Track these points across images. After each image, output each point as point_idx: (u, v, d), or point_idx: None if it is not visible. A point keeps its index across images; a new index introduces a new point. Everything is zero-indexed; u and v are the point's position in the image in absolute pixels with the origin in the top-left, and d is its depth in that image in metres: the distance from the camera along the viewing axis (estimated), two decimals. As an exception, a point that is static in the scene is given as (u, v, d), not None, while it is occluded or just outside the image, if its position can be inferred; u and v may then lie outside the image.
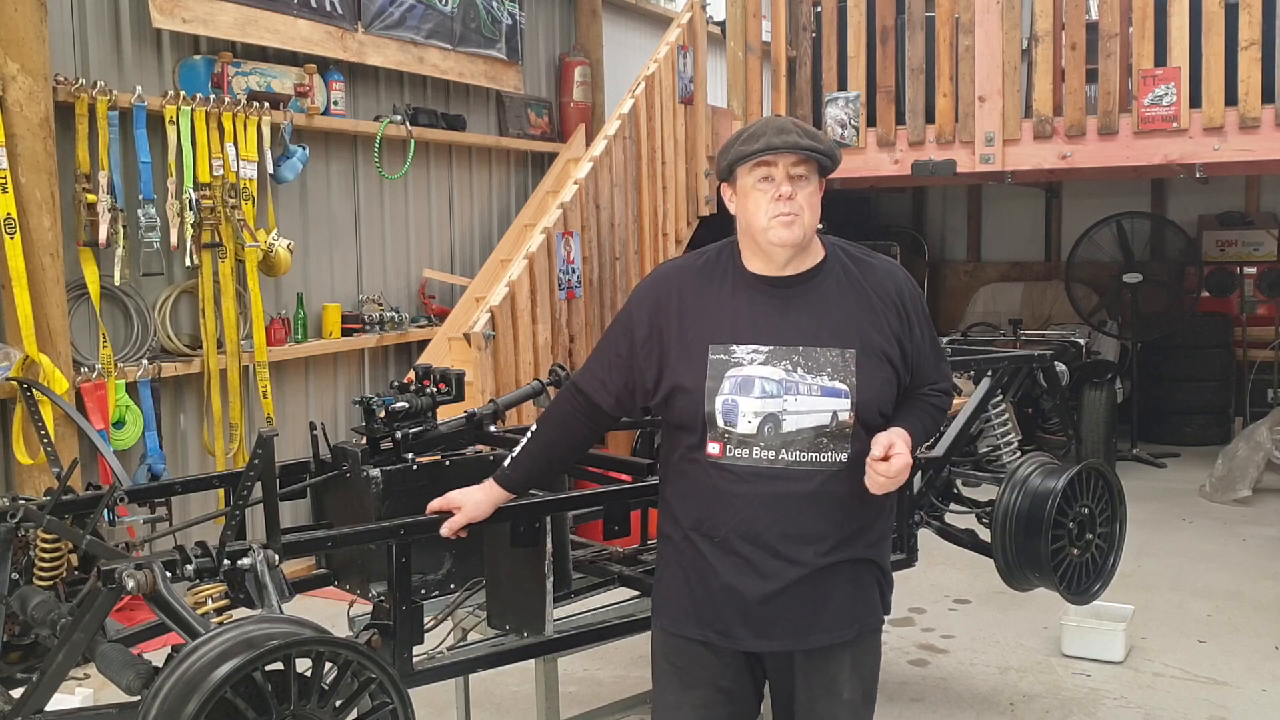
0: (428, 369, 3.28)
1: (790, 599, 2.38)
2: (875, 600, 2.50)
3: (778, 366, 2.33)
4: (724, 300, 2.40)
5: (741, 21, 7.49)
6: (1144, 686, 4.41)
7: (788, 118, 2.43)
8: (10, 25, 4.51)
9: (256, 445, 2.31)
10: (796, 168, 2.33)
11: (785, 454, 2.33)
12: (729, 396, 2.33)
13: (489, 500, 2.63)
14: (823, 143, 2.35)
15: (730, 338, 2.36)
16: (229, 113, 5.39)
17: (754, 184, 2.35)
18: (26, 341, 4.54)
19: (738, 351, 2.35)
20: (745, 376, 2.33)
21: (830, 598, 2.40)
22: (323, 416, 6.07)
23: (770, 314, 2.37)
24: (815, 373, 2.33)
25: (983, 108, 6.86)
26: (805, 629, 2.41)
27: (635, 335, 2.47)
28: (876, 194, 11.01)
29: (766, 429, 2.32)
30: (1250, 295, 9.57)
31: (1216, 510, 7.08)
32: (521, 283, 5.99)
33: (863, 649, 2.49)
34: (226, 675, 1.90)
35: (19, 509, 2.66)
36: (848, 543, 2.41)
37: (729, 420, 2.33)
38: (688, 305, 2.42)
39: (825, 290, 2.39)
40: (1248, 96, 6.23)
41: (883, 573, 2.52)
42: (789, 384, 2.32)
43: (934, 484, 4.00)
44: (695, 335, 2.39)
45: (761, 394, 2.32)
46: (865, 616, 2.47)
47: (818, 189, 2.38)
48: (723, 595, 2.40)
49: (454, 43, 7.04)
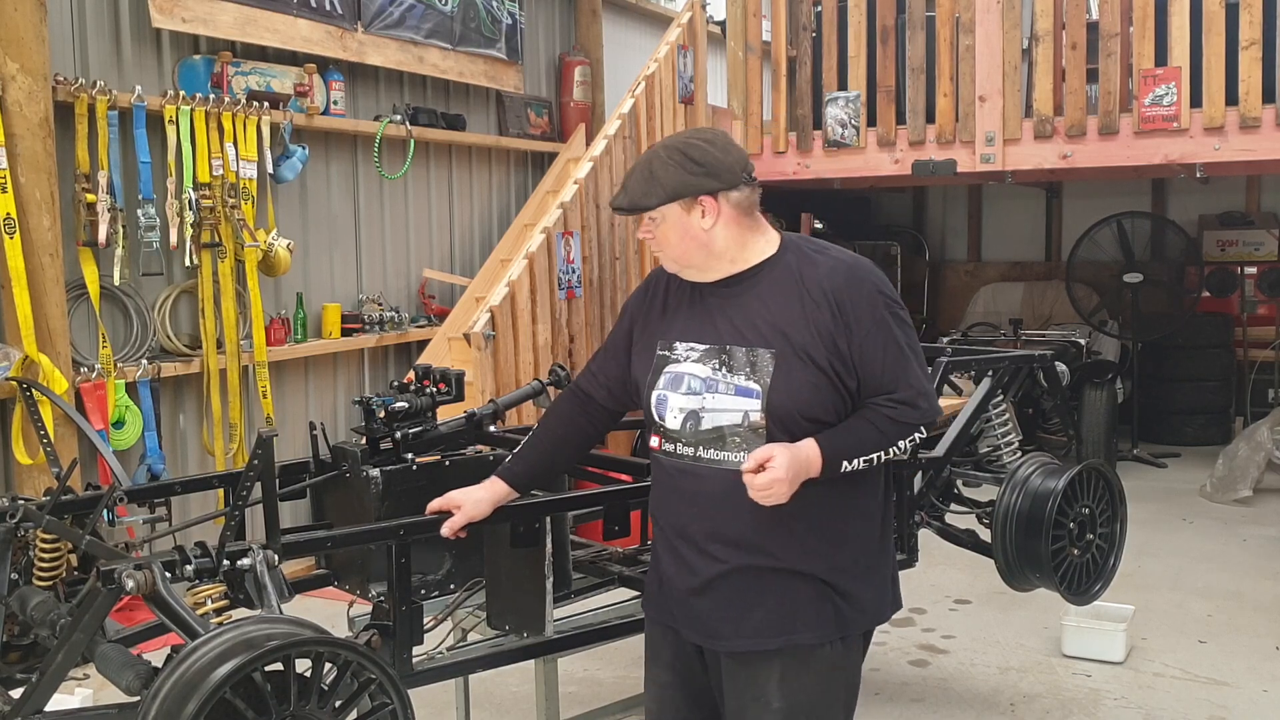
0: (428, 369, 3.28)
1: (712, 598, 2.40)
2: (815, 616, 2.36)
3: (707, 365, 2.38)
4: (680, 300, 2.49)
5: (741, 21, 7.49)
6: (1144, 687, 4.41)
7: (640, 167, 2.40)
8: (10, 25, 4.51)
9: (256, 445, 2.31)
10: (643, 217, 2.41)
11: (702, 451, 2.37)
12: (662, 391, 2.43)
13: (490, 498, 2.64)
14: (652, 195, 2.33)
15: (675, 335, 2.45)
16: (229, 112, 5.38)
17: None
18: (26, 341, 4.54)
19: (678, 348, 2.43)
20: (678, 373, 2.41)
21: (755, 604, 2.37)
22: (322, 416, 6.07)
23: (710, 312, 2.43)
24: (735, 371, 2.35)
25: (983, 107, 6.86)
26: (727, 631, 2.39)
27: (623, 329, 2.61)
28: (877, 194, 11.01)
29: (688, 425, 2.38)
30: (1251, 295, 9.57)
31: (1217, 510, 7.08)
32: (521, 283, 5.99)
33: (796, 663, 2.37)
34: (226, 676, 1.90)
35: (19, 509, 2.66)
36: (774, 550, 2.34)
37: (660, 414, 2.42)
38: (658, 305, 2.53)
39: (760, 290, 2.38)
40: (1248, 96, 6.23)
41: (838, 593, 2.38)
42: (711, 382, 2.36)
43: (934, 484, 3.99)
44: (653, 332, 2.50)
45: (687, 390, 2.38)
46: (797, 630, 2.36)
47: (679, 220, 2.35)
48: (667, 585, 2.50)
49: (454, 42, 7.04)
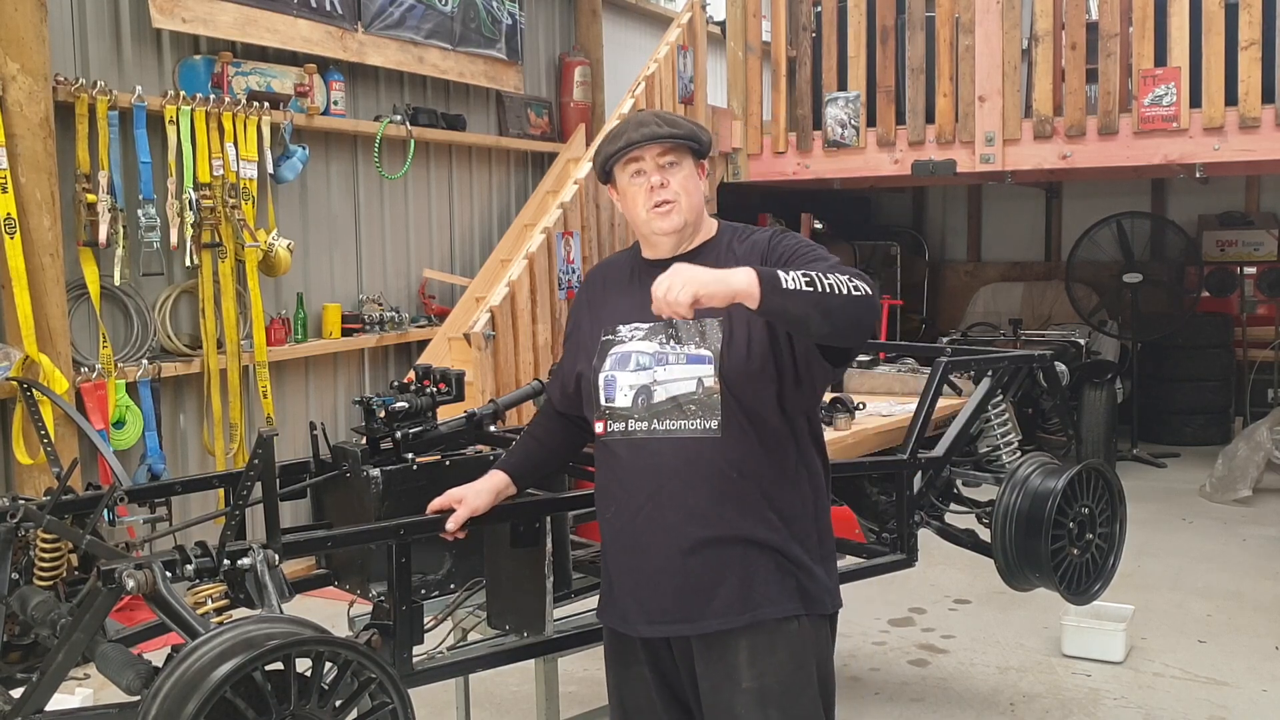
0: (428, 369, 3.28)
1: (675, 578, 2.36)
2: (779, 592, 2.36)
3: (653, 341, 2.40)
4: (623, 289, 2.51)
5: (741, 21, 7.49)
6: (1144, 686, 4.41)
7: (650, 111, 2.47)
8: (10, 25, 4.51)
9: (256, 445, 2.31)
10: (664, 157, 2.40)
11: (657, 424, 2.36)
12: (609, 373, 2.43)
13: (490, 488, 2.65)
14: (682, 127, 2.41)
15: (619, 319, 2.46)
16: (229, 113, 5.39)
17: (629, 180, 2.43)
18: (26, 341, 4.54)
19: (622, 330, 2.44)
20: (624, 352, 2.42)
21: (720, 580, 2.35)
22: (323, 416, 6.07)
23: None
24: (684, 342, 2.37)
25: (983, 108, 6.86)
26: (693, 613, 2.36)
27: (566, 334, 2.65)
28: (876, 194, 11.01)
29: (640, 401, 2.38)
30: (1250, 295, 9.57)
31: (1216, 510, 7.08)
32: (521, 283, 5.99)
33: (764, 639, 2.35)
34: (226, 675, 1.90)
35: (19, 509, 2.66)
36: (731, 522, 2.34)
37: (609, 396, 2.42)
38: (595, 298, 2.56)
39: (706, 262, 2.36)
40: (1248, 96, 6.23)
41: (796, 564, 2.39)
42: (660, 355, 2.38)
43: (934, 484, 3.99)
44: (595, 324, 2.51)
45: (636, 367, 2.39)
46: (761, 605, 2.35)
47: (694, 172, 2.43)
48: (618, 580, 2.46)
49: (454, 43, 7.04)
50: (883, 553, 3.75)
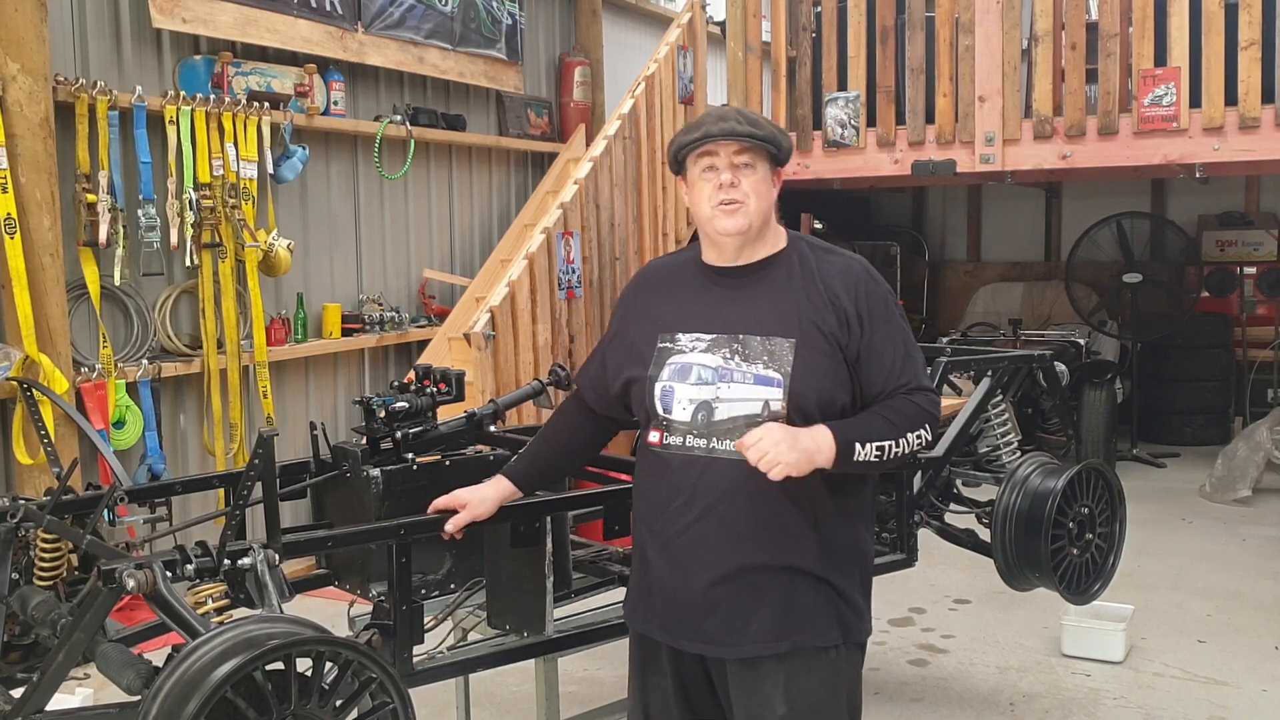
0: (428, 369, 3.28)
1: (716, 602, 2.32)
2: (820, 620, 2.34)
3: (717, 354, 2.32)
4: (683, 293, 2.44)
5: (741, 21, 7.49)
6: (1144, 686, 4.41)
7: (733, 107, 2.42)
8: (10, 25, 4.51)
9: (256, 445, 2.31)
10: (739, 156, 2.33)
11: (716, 443, 2.30)
12: (667, 383, 2.35)
13: (495, 496, 2.62)
14: (763, 129, 2.34)
15: (678, 327, 2.39)
16: (229, 113, 5.39)
17: (699, 174, 2.36)
18: (26, 341, 4.54)
19: (681, 340, 2.37)
20: (684, 363, 2.34)
21: (760, 604, 2.31)
22: (323, 416, 6.07)
23: (718, 303, 2.37)
24: (751, 361, 2.30)
25: (983, 108, 6.86)
26: (732, 636, 2.32)
27: (612, 331, 2.56)
28: (876, 194, 11.01)
29: (700, 416, 2.31)
30: (1250, 295, 9.56)
31: (1216, 510, 7.08)
32: (521, 283, 5.99)
33: (800, 668, 2.33)
34: (227, 675, 1.90)
35: (19, 509, 2.66)
36: (782, 547, 2.31)
37: (666, 407, 2.35)
38: (652, 300, 2.48)
39: (775, 279, 2.35)
40: (1248, 96, 6.23)
41: (839, 595, 2.36)
42: (724, 371, 2.31)
43: (934, 484, 4.00)
44: (650, 326, 2.43)
45: (697, 380, 2.32)
46: (801, 633, 2.32)
47: (767, 177, 2.36)
48: (659, 591, 2.41)
49: (454, 43, 7.04)
50: (883, 553, 3.75)
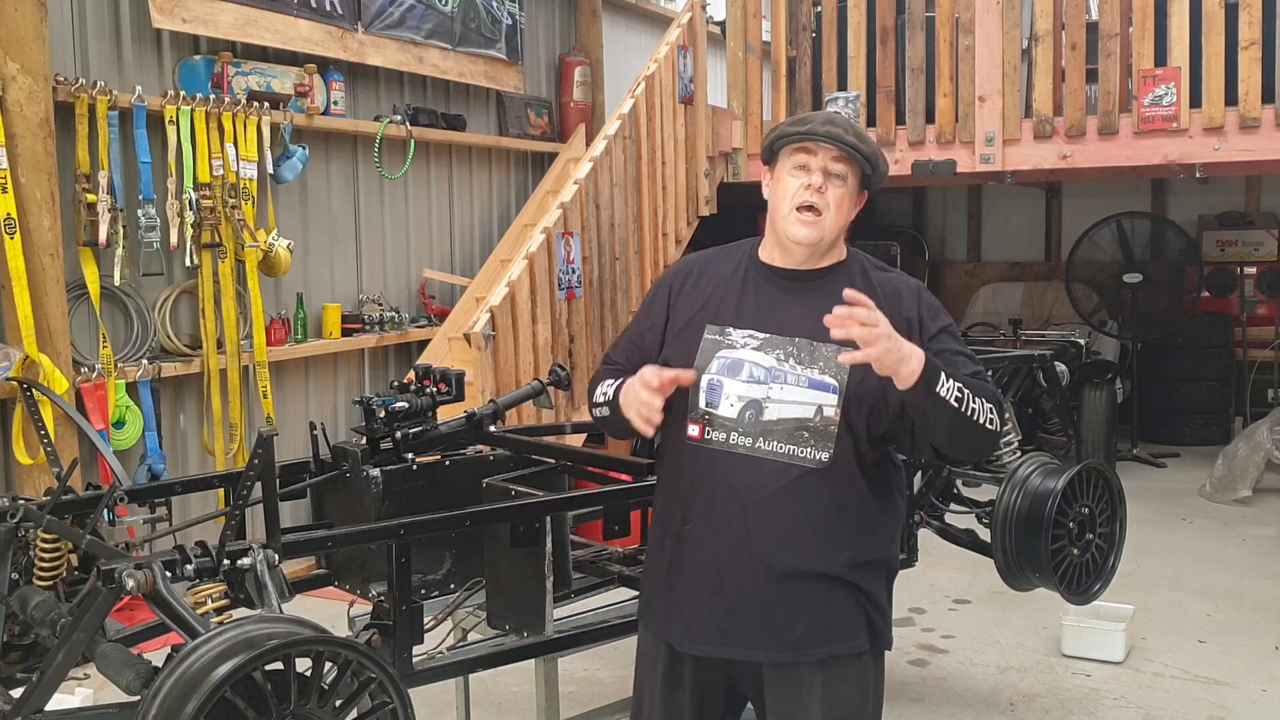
0: (428, 369, 3.28)
1: (754, 605, 2.28)
2: (855, 627, 2.33)
3: (770, 354, 2.28)
4: (733, 286, 2.38)
5: (741, 21, 7.49)
6: (1144, 686, 4.41)
7: (843, 116, 2.36)
8: (10, 25, 4.51)
9: (256, 445, 2.31)
10: (835, 164, 2.28)
11: (763, 443, 2.25)
12: (715, 376, 2.29)
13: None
14: (867, 145, 2.30)
15: (730, 320, 2.33)
16: (229, 113, 5.38)
17: (789, 169, 2.32)
18: (26, 341, 4.54)
19: (733, 334, 2.32)
20: (735, 359, 2.29)
21: (800, 612, 2.28)
22: (323, 416, 6.07)
23: (773, 303, 2.33)
24: (807, 365, 2.26)
25: (983, 108, 6.86)
26: (772, 640, 2.29)
27: (650, 316, 2.46)
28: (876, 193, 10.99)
29: (748, 415, 2.26)
30: (1250, 295, 9.57)
31: (1216, 510, 7.08)
32: (521, 283, 5.99)
33: (837, 675, 2.33)
34: (226, 675, 1.90)
35: (19, 509, 2.66)
36: (823, 555, 2.28)
37: (711, 401, 2.29)
38: (698, 289, 2.41)
39: (836, 288, 2.28)
40: (1248, 96, 6.23)
41: (871, 602, 2.35)
42: (778, 372, 2.26)
43: (934, 484, 4.00)
44: (696, 315, 2.37)
45: (749, 378, 2.27)
46: (838, 640, 2.31)
47: (853, 194, 2.32)
48: (689, 595, 2.34)
49: (454, 43, 7.04)
50: (882, 553, 3.75)
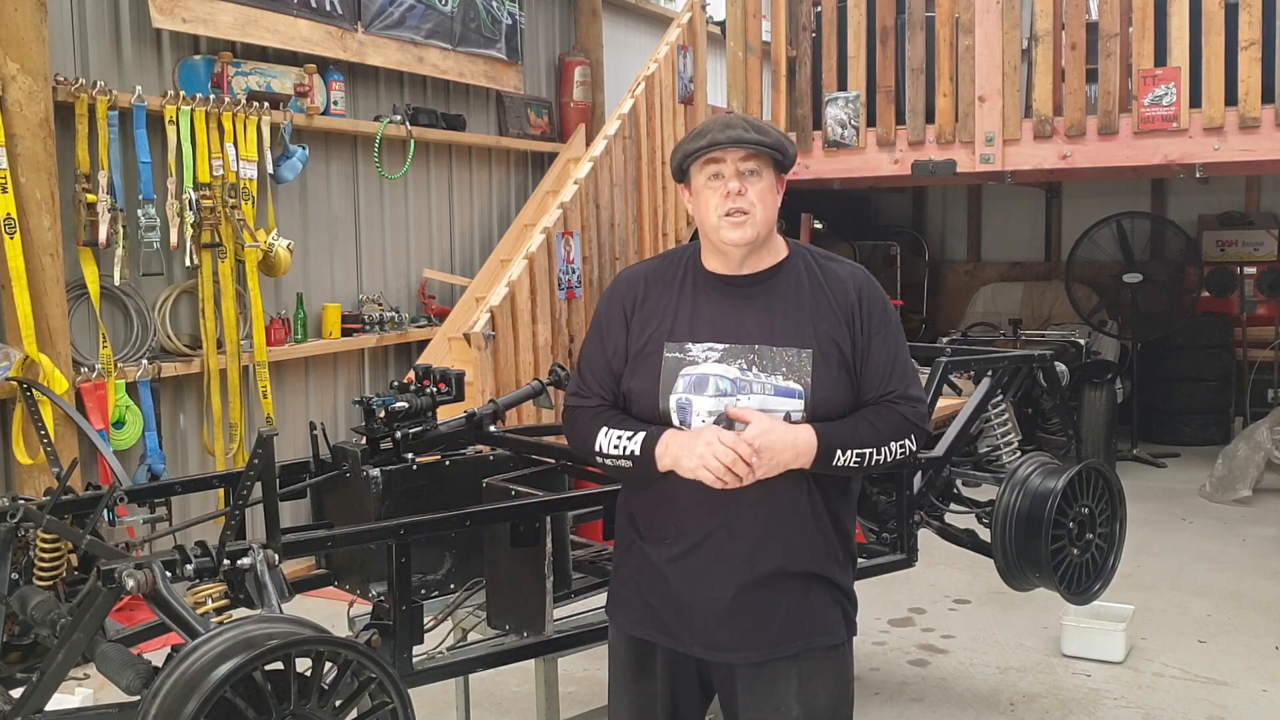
0: (428, 369, 3.28)
1: (736, 609, 2.31)
2: (829, 619, 2.37)
3: (732, 365, 2.28)
4: (683, 300, 2.37)
5: (741, 21, 7.49)
6: (1144, 686, 4.41)
7: (737, 114, 2.38)
8: (10, 25, 4.51)
9: (256, 445, 2.31)
10: (746, 163, 2.28)
11: None
12: (683, 395, 2.29)
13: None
14: (770, 136, 2.30)
15: (686, 336, 2.33)
16: (229, 113, 5.39)
17: (705, 182, 2.32)
18: (26, 341, 4.54)
19: (693, 350, 2.31)
20: (699, 375, 2.29)
21: (776, 609, 2.32)
22: (323, 416, 6.07)
23: (728, 312, 2.33)
24: (770, 372, 2.27)
25: (983, 108, 6.85)
26: (749, 641, 2.32)
27: (612, 339, 2.42)
28: (876, 194, 11.01)
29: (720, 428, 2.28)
30: (1250, 295, 9.57)
31: (1216, 510, 7.08)
32: (521, 283, 5.99)
33: (812, 668, 2.35)
34: (226, 675, 1.90)
35: (19, 509, 2.66)
36: (799, 554, 2.32)
37: (683, 419, 2.29)
38: (648, 305, 2.39)
39: (784, 289, 2.33)
40: (1248, 96, 6.23)
41: (842, 591, 2.40)
42: (743, 383, 2.27)
43: (934, 484, 3.99)
44: (652, 335, 2.36)
45: (715, 392, 2.27)
46: (813, 634, 2.35)
47: (772, 185, 2.32)
48: (672, 602, 2.36)
49: (454, 43, 7.04)
50: (883, 553, 3.76)
